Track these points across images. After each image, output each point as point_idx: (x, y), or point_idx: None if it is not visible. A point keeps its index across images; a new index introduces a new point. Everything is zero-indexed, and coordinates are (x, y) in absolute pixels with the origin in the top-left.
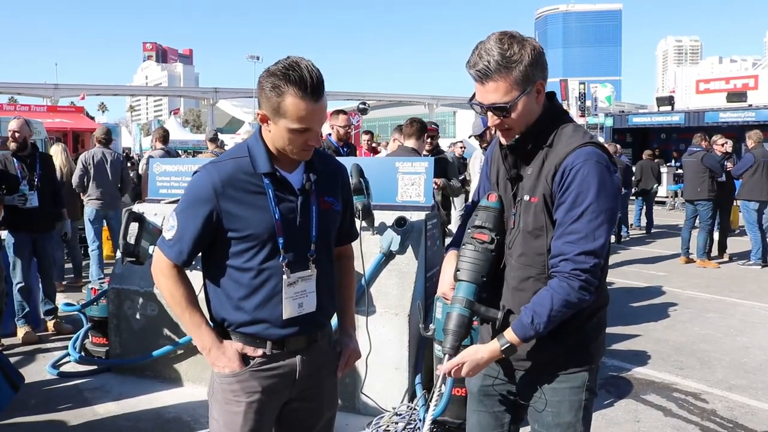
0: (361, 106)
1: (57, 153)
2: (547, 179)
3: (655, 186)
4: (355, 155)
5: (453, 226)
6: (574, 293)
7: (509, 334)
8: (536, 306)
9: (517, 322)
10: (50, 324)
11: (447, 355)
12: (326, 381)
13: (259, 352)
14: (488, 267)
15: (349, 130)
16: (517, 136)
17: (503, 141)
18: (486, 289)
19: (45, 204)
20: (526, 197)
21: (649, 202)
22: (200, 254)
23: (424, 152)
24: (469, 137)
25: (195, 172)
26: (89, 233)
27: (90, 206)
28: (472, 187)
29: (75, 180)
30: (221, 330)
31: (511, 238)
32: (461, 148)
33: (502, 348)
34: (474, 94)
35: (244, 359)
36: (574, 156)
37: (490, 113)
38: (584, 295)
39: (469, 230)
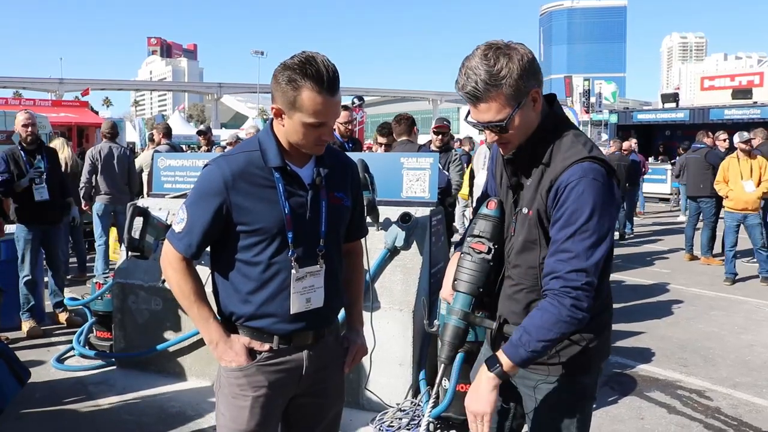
0: (356, 100)
1: (60, 146)
2: (542, 194)
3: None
4: (360, 151)
5: (457, 223)
6: (565, 311)
7: (501, 356)
8: (526, 324)
9: (508, 342)
10: (62, 317)
11: (443, 365)
12: (333, 377)
13: (266, 346)
14: (485, 278)
15: (352, 126)
16: (514, 150)
17: (502, 152)
18: (488, 293)
19: (53, 196)
20: (525, 210)
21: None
22: (209, 248)
23: (434, 148)
24: (475, 126)
25: (206, 165)
26: (97, 228)
27: (98, 201)
28: (477, 183)
29: (84, 176)
30: (229, 324)
31: (509, 246)
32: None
33: (493, 372)
34: (469, 112)
35: (251, 354)
36: (570, 172)
37: (487, 130)
38: (575, 312)
39: (468, 239)
